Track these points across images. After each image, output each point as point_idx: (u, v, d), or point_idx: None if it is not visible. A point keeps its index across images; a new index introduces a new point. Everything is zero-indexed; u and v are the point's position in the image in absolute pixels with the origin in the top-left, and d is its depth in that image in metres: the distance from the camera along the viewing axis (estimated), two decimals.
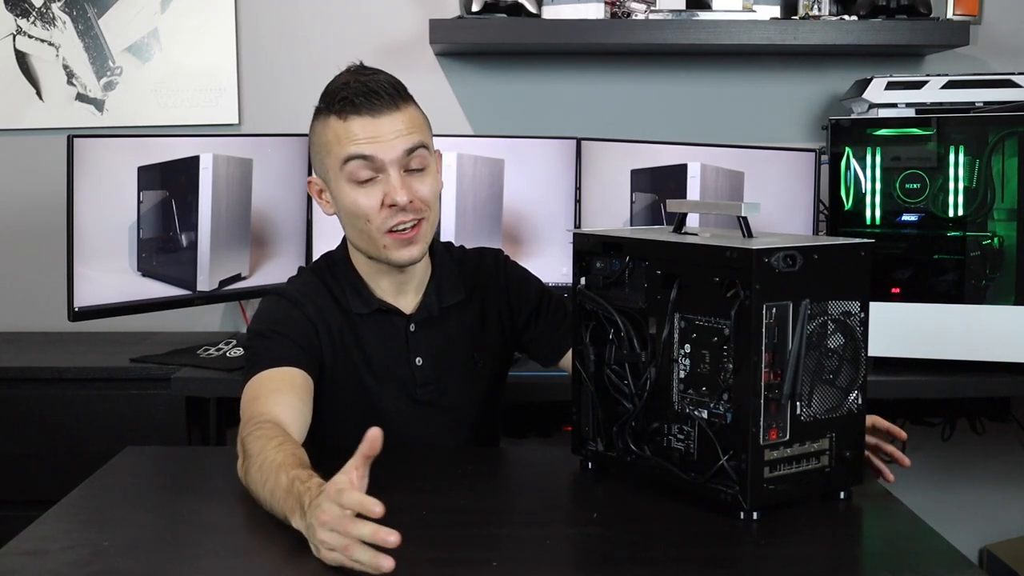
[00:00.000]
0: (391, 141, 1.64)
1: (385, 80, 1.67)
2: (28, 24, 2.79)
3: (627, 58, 2.85)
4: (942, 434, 2.81)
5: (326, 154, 1.68)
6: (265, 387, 1.61)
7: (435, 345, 1.77)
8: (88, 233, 2.34)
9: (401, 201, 1.64)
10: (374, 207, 1.65)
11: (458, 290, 1.80)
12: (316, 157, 1.72)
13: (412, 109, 1.69)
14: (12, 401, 2.33)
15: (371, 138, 1.64)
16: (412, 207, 1.65)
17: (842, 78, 2.78)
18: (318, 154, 1.71)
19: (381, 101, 1.64)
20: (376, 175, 1.65)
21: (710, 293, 1.39)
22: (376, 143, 1.64)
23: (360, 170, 1.65)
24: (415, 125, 1.68)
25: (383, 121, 1.64)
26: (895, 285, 2.28)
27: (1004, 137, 2.20)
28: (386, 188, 1.65)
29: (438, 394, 1.76)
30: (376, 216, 1.66)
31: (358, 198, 1.66)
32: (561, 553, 1.33)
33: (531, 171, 2.63)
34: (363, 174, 1.65)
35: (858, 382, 1.43)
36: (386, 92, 1.65)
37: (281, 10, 2.83)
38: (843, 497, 1.46)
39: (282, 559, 1.29)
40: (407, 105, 1.68)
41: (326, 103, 1.68)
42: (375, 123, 1.64)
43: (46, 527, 1.37)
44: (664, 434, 1.47)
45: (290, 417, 1.57)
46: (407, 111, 1.67)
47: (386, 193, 1.65)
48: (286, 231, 2.65)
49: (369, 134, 1.64)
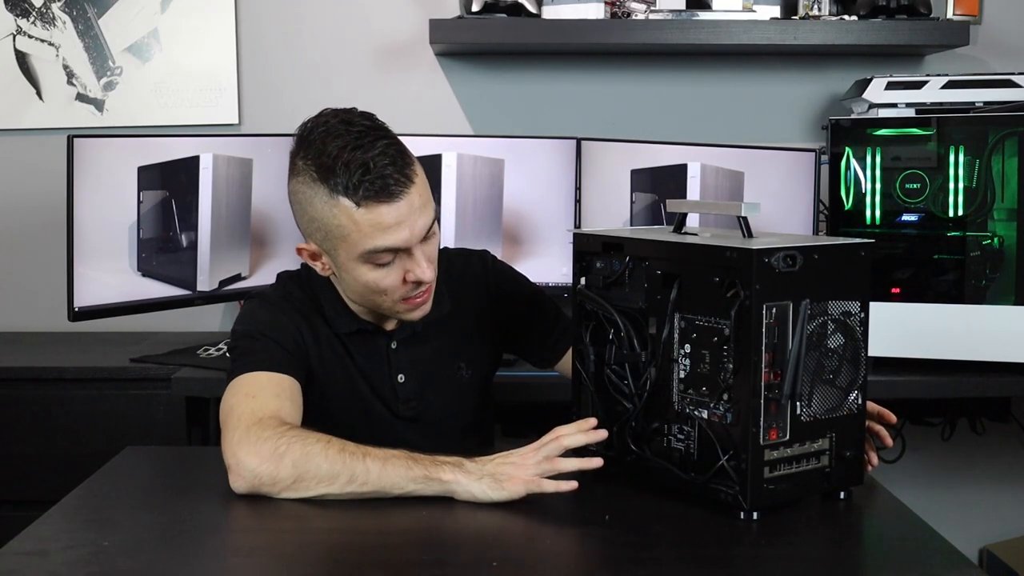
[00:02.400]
0: (413, 224, 1.57)
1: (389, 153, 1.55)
2: (28, 24, 2.79)
3: (627, 58, 2.85)
4: (942, 434, 2.81)
5: (339, 237, 1.57)
6: (263, 388, 1.58)
7: (418, 361, 1.74)
8: (88, 233, 2.34)
9: (427, 278, 1.60)
10: (396, 284, 1.61)
11: (442, 304, 1.74)
12: (315, 230, 1.61)
13: (418, 173, 1.59)
14: (12, 401, 2.32)
15: (395, 226, 1.55)
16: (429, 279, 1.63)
17: (842, 78, 2.78)
18: (321, 230, 1.59)
19: (397, 181, 1.54)
20: (398, 254, 1.59)
21: (710, 293, 1.39)
22: (400, 231, 1.56)
23: (384, 256, 1.59)
24: (426, 194, 1.60)
25: (402, 204, 1.55)
26: (895, 285, 2.28)
27: (1004, 137, 2.20)
28: (409, 266, 1.59)
29: (421, 409, 1.74)
30: (396, 291, 1.62)
31: (379, 279, 1.60)
32: (561, 553, 1.33)
33: (531, 171, 2.63)
34: (386, 258, 1.59)
35: (858, 382, 1.43)
36: (396, 169, 1.54)
37: (281, 10, 2.83)
38: (843, 497, 1.46)
39: (282, 559, 1.29)
40: (412, 171, 1.58)
41: (324, 178, 1.55)
42: (395, 207, 1.55)
43: (46, 527, 1.37)
44: (664, 434, 1.47)
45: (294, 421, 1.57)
46: (417, 180, 1.58)
47: (409, 271, 1.60)
48: (286, 231, 2.65)
49: (391, 221, 1.55)
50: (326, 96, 2.79)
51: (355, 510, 1.47)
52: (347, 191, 1.54)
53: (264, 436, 1.47)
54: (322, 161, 1.55)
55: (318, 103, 2.77)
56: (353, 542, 1.37)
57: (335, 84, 2.82)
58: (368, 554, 1.34)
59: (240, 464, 1.46)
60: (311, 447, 1.45)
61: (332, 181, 1.54)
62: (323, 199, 1.56)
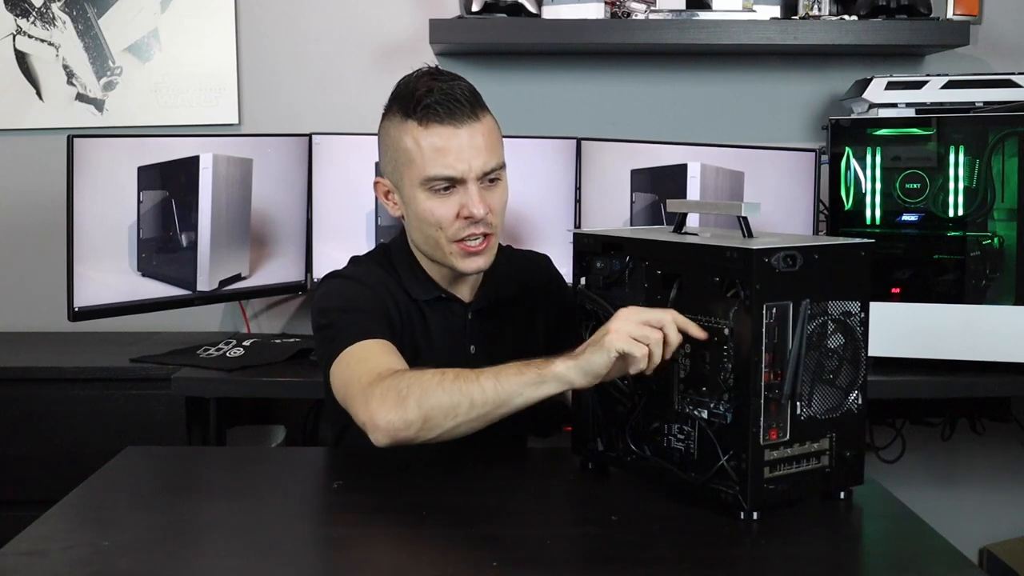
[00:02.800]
0: (473, 158, 1.66)
1: (464, 87, 1.68)
2: (28, 24, 2.79)
3: (627, 58, 2.85)
4: (942, 434, 2.81)
5: (405, 162, 1.68)
6: (370, 351, 1.61)
7: (489, 336, 1.80)
8: (88, 233, 2.34)
9: (479, 214, 1.67)
10: (449, 217, 1.68)
11: (511, 285, 1.84)
12: (388, 160, 1.73)
13: (489, 119, 1.71)
14: (12, 401, 2.32)
15: (455, 155, 1.65)
16: (485, 220, 1.68)
17: (842, 78, 2.78)
18: (392, 159, 1.71)
19: (462, 110, 1.66)
20: (454, 186, 1.67)
21: (710, 293, 1.39)
22: (459, 160, 1.65)
23: (441, 183, 1.66)
24: (494, 140, 1.70)
25: (464, 133, 1.66)
26: (895, 285, 2.28)
27: (1004, 137, 2.20)
28: (464, 200, 1.67)
29: None
30: (450, 226, 1.68)
31: (434, 208, 1.68)
32: (561, 553, 1.33)
33: (531, 171, 2.63)
34: (442, 185, 1.67)
35: (858, 382, 1.43)
36: (468, 102, 1.67)
37: (281, 10, 2.83)
38: (843, 497, 1.46)
39: (282, 559, 1.29)
40: (484, 115, 1.70)
41: (402, 106, 1.68)
42: (456, 134, 1.65)
43: (46, 527, 1.37)
44: (664, 434, 1.47)
45: None
46: (485, 122, 1.69)
47: (463, 205, 1.67)
48: (286, 231, 2.65)
49: (452, 148, 1.65)
50: (326, 96, 2.82)
51: (357, 509, 1.47)
52: (415, 111, 1.66)
53: (384, 387, 1.50)
54: (403, 95, 1.69)
55: (318, 103, 2.83)
56: (353, 542, 1.37)
57: (335, 84, 2.82)
58: (368, 554, 1.34)
59: (373, 419, 1.49)
60: (427, 383, 1.48)
61: (405, 107, 1.68)
62: (397, 126, 1.69)
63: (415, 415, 1.47)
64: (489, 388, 1.46)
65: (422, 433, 1.49)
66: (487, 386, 1.46)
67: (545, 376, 1.45)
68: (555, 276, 1.98)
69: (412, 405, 1.47)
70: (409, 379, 1.50)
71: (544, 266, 1.97)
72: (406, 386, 1.49)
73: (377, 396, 1.50)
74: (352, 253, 1.88)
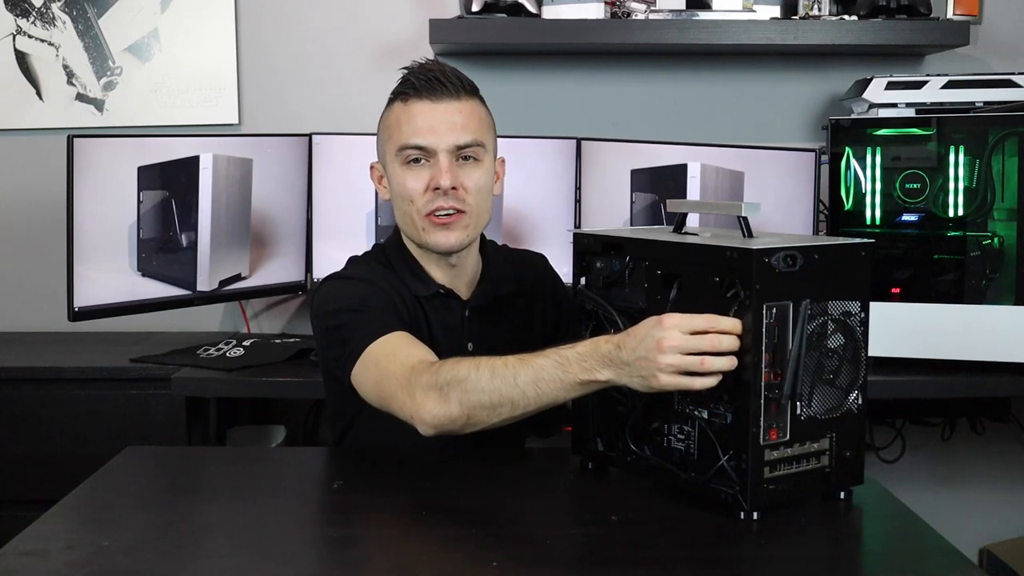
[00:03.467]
0: (446, 132, 1.69)
1: (453, 72, 1.72)
2: (28, 24, 2.79)
3: (627, 58, 2.85)
4: (942, 434, 2.81)
5: (386, 139, 1.75)
6: (396, 345, 1.60)
7: (486, 333, 1.80)
8: (88, 233, 2.34)
9: (444, 184, 1.68)
10: (419, 189, 1.71)
11: (508, 283, 1.85)
12: (379, 143, 1.79)
13: (475, 104, 1.73)
14: (12, 401, 2.32)
15: (428, 127, 1.69)
16: (455, 194, 1.70)
17: (842, 78, 2.78)
18: (381, 141, 1.78)
19: (443, 89, 1.70)
20: (427, 160, 1.70)
21: (710, 293, 1.39)
22: (432, 132, 1.69)
23: (412, 153, 1.70)
24: (474, 121, 1.72)
25: (440, 108, 1.70)
26: (895, 285, 2.28)
27: (1004, 137, 2.20)
28: (433, 172, 1.70)
29: None
30: (420, 198, 1.71)
31: (407, 179, 1.71)
32: (561, 553, 1.33)
33: (531, 171, 2.63)
34: (414, 155, 1.70)
35: (858, 382, 1.43)
36: (450, 82, 1.71)
37: (281, 10, 2.83)
38: (843, 497, 1.46)
39: (282, 559, 1.29)
40: (470, 99, 1.73)
41: (394, 92, 1.74)
42: (433, 108, 1.69)
43: (46, 527, 1.37)
44: (664, 434, 1.47)
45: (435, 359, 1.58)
46: (468, 104, 1.72)
47: (432, 176, 1.70)
48: (286, 231, 2.65)
49: (426, 121, 1.69)
50: (326, 96, 2.82)
51: (357, 509, 1.47)
52: (400, 90, 1.72)
53: (424, 380, 1.50)
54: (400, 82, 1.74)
55: (318, 103, 2.83)
56: (353, 541, 1.37)
57: (335, 84, 2.82)
58: (368, 554, 1.34)
59: (420, 413, 1.50)
60: (467, 379, 1.47)
61: (396, 90, 1.74)
62: (387, 109, 1.76)
63: (458, 412, 1.48)
64: (530, 392, 1.45)
65: (466, 428, 1.50)
66: (527, 391, 1.45)
67: (588, 383, 1.43)
68: (552, 275, 1.99)
69: (455, 402, 1.48)
70: (447, 373, 1.49)
71: (541, 265, 1.98)
72: (445, 382, 1.48)
73: (420, 391, 1.50)
74: (352, 253, 1.88)
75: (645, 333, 1.37)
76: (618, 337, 1.41)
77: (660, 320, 1.36)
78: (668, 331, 1.35)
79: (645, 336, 1.37)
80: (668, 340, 1.35)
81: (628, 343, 1.39)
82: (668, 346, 1.35)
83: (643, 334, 1.37)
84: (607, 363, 1.41)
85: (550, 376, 1.44)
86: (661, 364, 1.35)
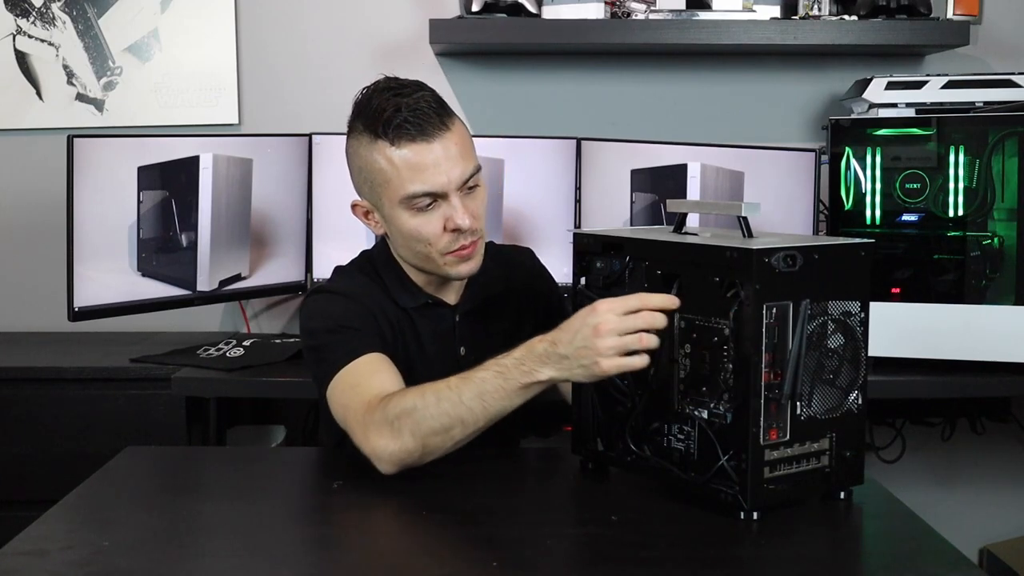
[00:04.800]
0: (451, 169, 1.63)
1: (429, 98, 1.65)
2: (28, 24, 2.79)
3: (627, 58, 2.85)
4: (942, 434, 2.81)
5: (382, 183, 1.65)
6: (361, 375, 1.60)
7: (478, 337, 1.79)
8: (88, 233, 2.34)
9: (465, 225, 1.65)
10: (436, 232, 1.66)
11: (497, 283, 1.83)
12: (363, 182, 1.70)
13: (458, 125, 1.68)
14: (12, 401, 2.32)
15: (432, 170, 1.62)
16: (471, 228, 1.67)
17: (842, 78, 2.78)
18: (367, 181, 1.68)
19: (432, 123, 1.63)
20: (436, 201, 1.65)
21: (710, 293, 1.39)
22: (438, 174, 1.63)
23: (423, 201, 1.64)
24: (466, 146, 1.67)
25: (437, 146, 1.63)
26: (895, 285, 2.28)
27: (1004, 137, 2.20)
28: (448, 213, 1.65)
29: None
30: (439, 240, 1.67)
31: (420, 225, 1.66)
32: (561, 553, 1.33)
33: (531, 171, 2.63)
34: (426, 202, 1.65)
35: (858, 382, 1.43)
36: (434, 112, 1.64)
37: (281, 10, 2.83)
38: (843, 497, 1.46)
39: (282, 559, 1.29)
40: (453, 122, 1.67)
41: (369, 126, 1.64)
42: (429, 148, 1.62)
43: (46, 527, 1.37)
44: (664, 434, 1.47)
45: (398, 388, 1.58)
46: (455, 129, 1.66)
47: (448, 218, 1.65)
48: (286, 231, 2.65)
49: (428, 162, 1.62)
50: (326, 96, 2.82)
51: (357, 509, 1.47)
52: (385, 132, 1.62)
53: (376, 419, 1.51)
54: (367, 112, 1.65)
55: (318, 103, 2.83)
56: (354, 542, 1.37)
57: (335, 84, 2.82)
58: (369, 554, 1.34)
59: (375, 451, 1.51)
60: (415, 411, 1.49)
61: (373, 126, 1.64)
62: (366, 146, 1.65)
63: (413, 444, 1.49)
64: (477, 408, 1.48)
65: (424, 457, 1.51)
66: (474, 407, 1.48)
67: (529, 386, 1.46)
68: (540, 270, 1.97)
69: (407, 435, 1.49)
70: (395, 407, 1.51)
71: (529, 261, 1.96)
72: (395, 416, 1.50)
73: (372, 429, 1.51)
74: (352, 253, 1.88)
75: (580, 324, 1.41)
76: (552, 334, 1.45)
77: (593, 308, 1.41)
78: (603, 315, 1.39)
79: (580, 327, 1.41)
80: (604, 324, 1.39)
81: (563, 337, 1.43)
82: (605, 330, 1.39)
83: (578, 325, 1.41)
84: (544, 361, 1.45)
85: (493, 387, 1.47)
86: (601, 349, 1.39)
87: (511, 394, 1.47)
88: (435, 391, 1.50)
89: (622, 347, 1.39)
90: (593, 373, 1.41)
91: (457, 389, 1.49)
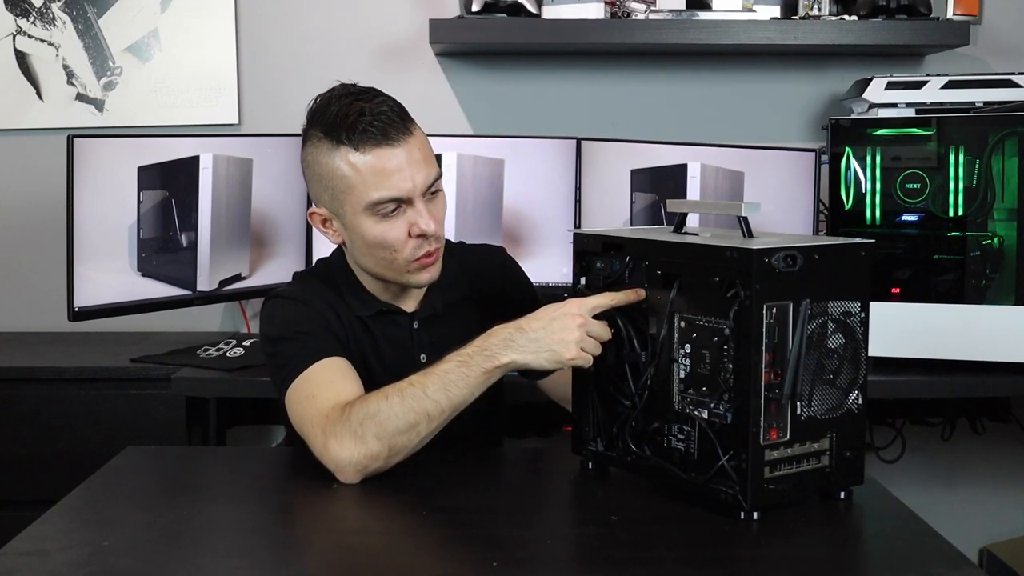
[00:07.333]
0: (415, 174, 1.62)
1: (391, 104, 1.64)
2: (28, 24, 2.79)
3: (627, 58, 2.85)
4: (942, 434, 2.81)
5: (344, 189, 1.63)
6: (317, 383, 1.60)
7: (439, 342, 1.76)
8: (88, 233, 2.34)
9: (430, 231, 1.64)
10: (401, 238, 1.65)
11: (459, 287, 1.81)
12: (323, 190, 1.67)
13: (419, 131, 1.67)
14: (12, 401, 2.32)
15: (396, 175, 1.61)
16: (435, 233, 1.66)
17: (842, 78, 2.78)
18: (327, 188, 1.66)
19: (395, 127, 1.62)
20: (401, 207, 1.64)
21: (710, 293, 1.39)
22: (403, 180, 1.61)
23: (388, 207, 1.63)
24: (428, 151, 1.66)
25: (399, 151, 1.62)
26: (895, 285, 2.28)
27: (1004, 137, 2.20)
28: (413, 218, 1.64)
29: None
30: (404, 247, 1.65)
31: (385, 231, 1.64)
32: (561, 553, 1.33)
33: (531, 171, 2.63)
34: (390, 207, 1.63)
35: (858, 382, 1.43)
36: (398, 117, 1.63)
37: (281, 10, 2.83)
38: (843, 497, 1.46)
39: (282, 559, 1.29)
40: (414, 128, 1.66)
41: (330, 132, 1.62)
42: (392, 153, 1.61)
43: (46, 527, 1.37)
44: (664, 434, 1.47)
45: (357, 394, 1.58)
46: (417, 135, 1.65)
47: (413, 223, 1.64)
48: (286, 231, 2.65)
49: (392, 167, 1.61)
50: None
51: (357, 509, 1.47)
52: (348, 138, 1.61)
53: (338, 429, 1.51)
54: (326, 119, 1.63)
55: None
56: (354, 542, 1.37)
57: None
58: (369, 554, 1.34)
59: (337, 462, 1.51)
60: (378, 412, 1.50)
61: (334, 132, 1.62)
62: (327, 153, 1.63)
63: (378, 447, 1.49)
64: (442, 400, 1.50)
65: (391, 459, 1.51)
66: (439, 398, 1.50)
67: (491, 371, 1.51)
68: (509, 268, 1.92)
69: (371, 439, 1.49)
70: (358, 413, 1.50)
71: (497, 261, 1.91)
72: (358, 423, 1.49)
73: (332, 439, 1.50)
74: None
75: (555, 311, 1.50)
76: (519, 321, 1.51)
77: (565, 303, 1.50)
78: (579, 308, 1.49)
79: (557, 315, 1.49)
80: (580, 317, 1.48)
81: (535, 324, 1.50)
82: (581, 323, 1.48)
83: (553, 312, 1.50)
84: (508, 345, 1.49)
85: (456, 377, 1.50)
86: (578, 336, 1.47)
87: (474, 381, 1.50)
88: (398, 390, 1.51)
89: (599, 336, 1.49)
90: (560, 358, 1.48)
91: (420, 385, 1.51)
